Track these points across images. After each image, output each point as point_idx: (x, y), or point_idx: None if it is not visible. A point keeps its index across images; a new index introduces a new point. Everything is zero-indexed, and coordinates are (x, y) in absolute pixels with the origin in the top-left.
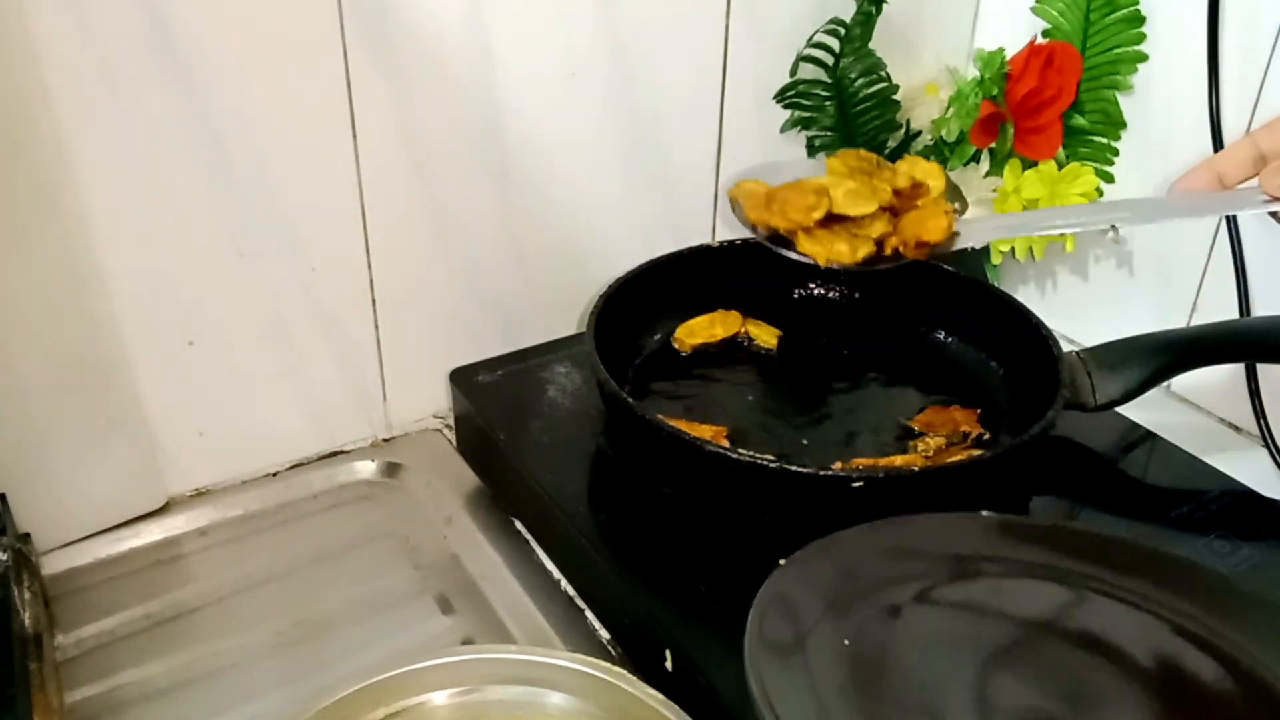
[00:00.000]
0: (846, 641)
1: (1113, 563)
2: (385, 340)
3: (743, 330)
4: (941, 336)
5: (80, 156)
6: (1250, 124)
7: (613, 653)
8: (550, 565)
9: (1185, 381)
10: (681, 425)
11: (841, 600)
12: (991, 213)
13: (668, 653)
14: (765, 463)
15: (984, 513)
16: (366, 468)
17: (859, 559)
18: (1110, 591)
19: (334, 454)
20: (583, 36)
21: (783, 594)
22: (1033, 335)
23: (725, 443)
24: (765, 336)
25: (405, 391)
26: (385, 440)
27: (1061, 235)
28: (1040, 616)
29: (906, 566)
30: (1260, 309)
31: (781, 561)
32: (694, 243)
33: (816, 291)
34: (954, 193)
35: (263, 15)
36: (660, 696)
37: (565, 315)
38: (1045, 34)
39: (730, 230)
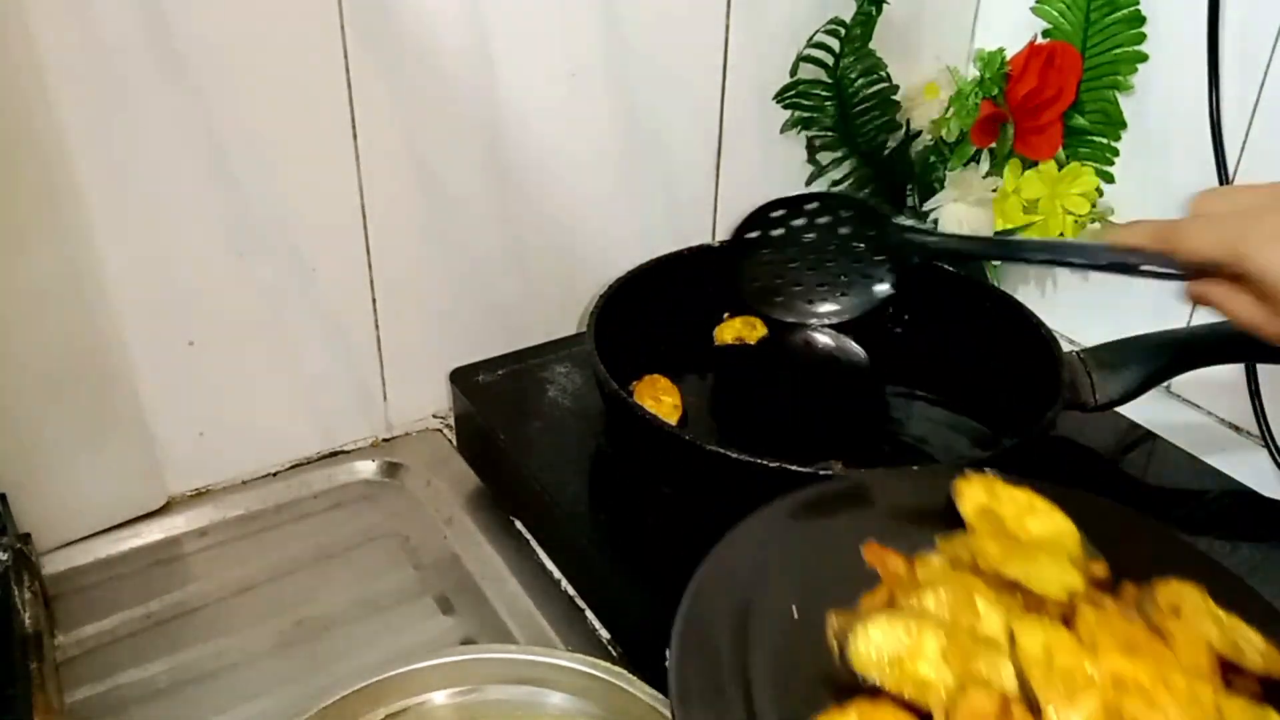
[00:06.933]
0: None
1: None
2: (385, 340)
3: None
4: (942, 336)
5: (80, 156)
6: (1250, 123)
7: (613, 653)
8: (550, 565)
9: (1185, 381)
10: None
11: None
12: (990, 215)
13: (668, 653)
14: (765, 462)
15: None
16: (367, 468)
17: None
18: None
19: (334, 454)
20: (583, 36)
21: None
22: (1033, 335)
23: None
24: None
25: (405, 391)
26: (385, 440)
27: (1061, 235)
28: None
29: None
30: None
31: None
32: (694, 243)
33: None
34: None
35: (263, 15)
36: (660, 696)
37: (565, 315)
38: (1045, 34)
39: (730, 230)
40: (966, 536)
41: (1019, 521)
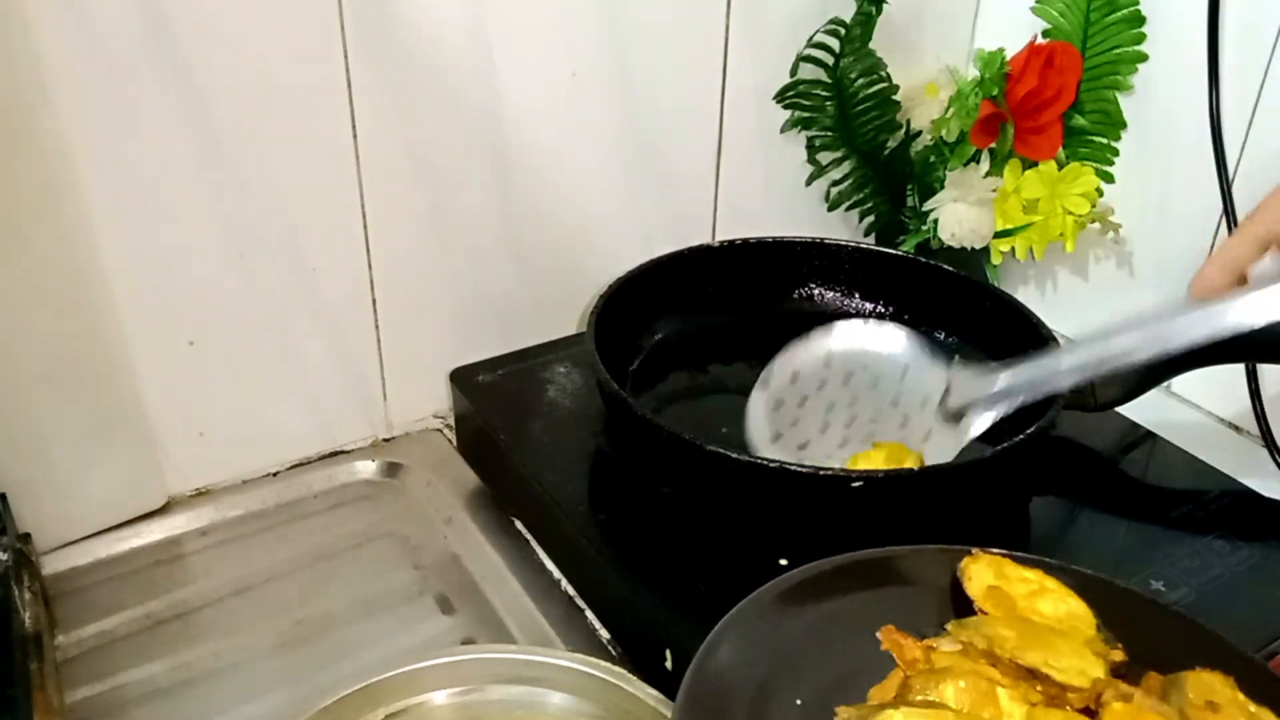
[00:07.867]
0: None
1: None
2: (385, 340)
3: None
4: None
5: (80, 156)
6: (1250, 123)
7: (613, 653)
8: (550, 565)
9: (1185, 381)
10: None
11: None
12: (990, 215)
13: (668, 653)
14: (765, 463)
15: None
16: (367, 468)
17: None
18: None
19: (334, 454)
20: (583, 37)
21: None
22: (1033, 335)
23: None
24: None
25: (405, 391)
26: (385, 440)
27: (1061, 235)
28: None
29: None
30: None
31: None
32: (694, 243)
33: (816, 292)
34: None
35: (263, 15)
36: (660, 696)
37: (565, 315)
38: (1045, 34)
39: (730, 230)
40: (979, 621)
41: (1029, 603)
